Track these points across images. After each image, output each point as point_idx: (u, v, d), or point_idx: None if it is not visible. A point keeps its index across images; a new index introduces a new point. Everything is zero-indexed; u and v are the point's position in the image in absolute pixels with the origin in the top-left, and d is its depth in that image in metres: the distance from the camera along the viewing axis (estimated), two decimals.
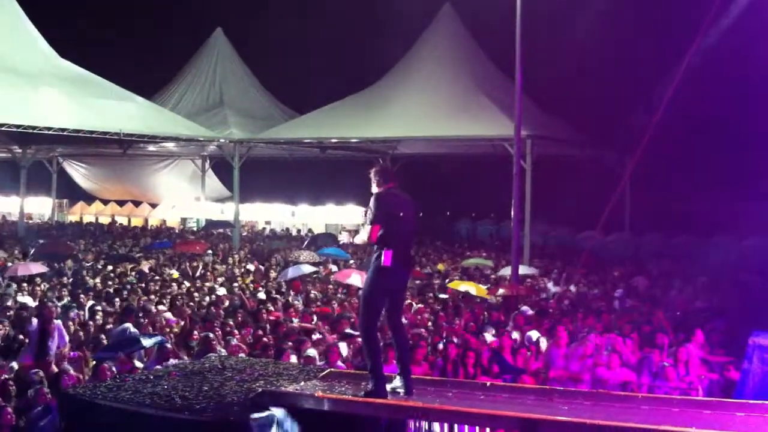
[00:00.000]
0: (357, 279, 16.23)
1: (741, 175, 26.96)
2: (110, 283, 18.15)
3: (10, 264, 19.68)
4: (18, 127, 23.43)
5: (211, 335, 11.10)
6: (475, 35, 30.76)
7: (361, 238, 6.83)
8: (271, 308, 14.94)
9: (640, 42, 33.25)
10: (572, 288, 19.61)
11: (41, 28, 27.53)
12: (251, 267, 22.24)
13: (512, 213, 19.74)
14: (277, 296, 16.60)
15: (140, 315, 13.32)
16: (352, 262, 23.09)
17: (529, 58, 19.39)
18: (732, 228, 28.18)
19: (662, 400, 6.87)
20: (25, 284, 17.29)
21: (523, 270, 20.12)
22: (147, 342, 10.73)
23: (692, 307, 16.46)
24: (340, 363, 10.46)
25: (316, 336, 12.26)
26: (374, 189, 6.83)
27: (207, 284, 18.43)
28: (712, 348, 11.73)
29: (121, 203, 43.20)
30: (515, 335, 12.79)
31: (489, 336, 12.77)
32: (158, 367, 9.19)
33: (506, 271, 20.24)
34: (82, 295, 15.82)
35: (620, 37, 34.15)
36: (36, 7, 27.97)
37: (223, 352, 10.48)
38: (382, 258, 6.58)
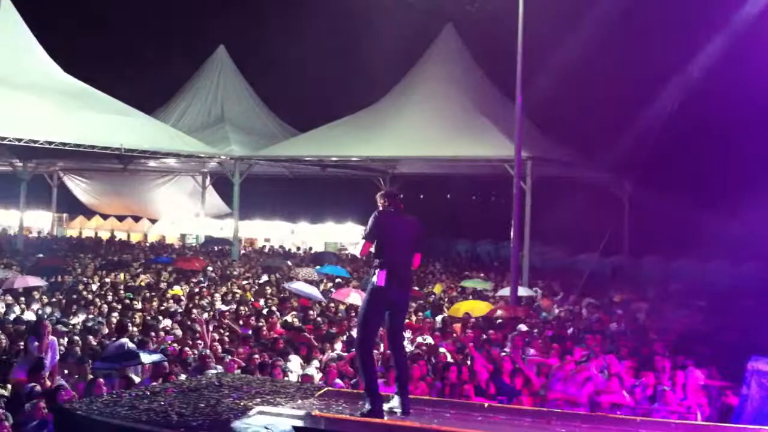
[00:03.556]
0: (356, 298, 16.15)
1: (739, 198, 26.97)
2: (109, 297, 18.04)
3: (8, 276, 19.56)
4: (19, 140, 23.52)
5: (208, 352, 11.06)
6: (477, 56, 30.88)
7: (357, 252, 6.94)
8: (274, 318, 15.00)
9: (641, 64, 33.35)
10: (571, 309, 19.52)
11: (44, 42, 27.73)
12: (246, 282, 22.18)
13: (512, 234, 19.74)
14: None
15: (140, 331, 13.24)
16: (354, 282, 22.84)
17: (529, 80, 19.49)
18: (731, 252, 28.15)
19: (660, 424, 6.85)
20: (22, 298, 17.21)
21: (522, 292, 20.07)
22: (146, 358, 10.63)
23: (691, 331, 16.39)
24: (338, 381, 10.43)
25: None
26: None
27: (205, 300, 18.34)
28: (710, 372, 11.69)
29: (120, 218, 43.16)
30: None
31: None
32: (154, 383, 9.14)
33: (505, 292, 20.14)
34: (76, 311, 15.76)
35: (621, 58, 34.26)
36: (39, 22, 28.16)
37: (220, 368, 10.43)
38: (376, 278, 6.66)
